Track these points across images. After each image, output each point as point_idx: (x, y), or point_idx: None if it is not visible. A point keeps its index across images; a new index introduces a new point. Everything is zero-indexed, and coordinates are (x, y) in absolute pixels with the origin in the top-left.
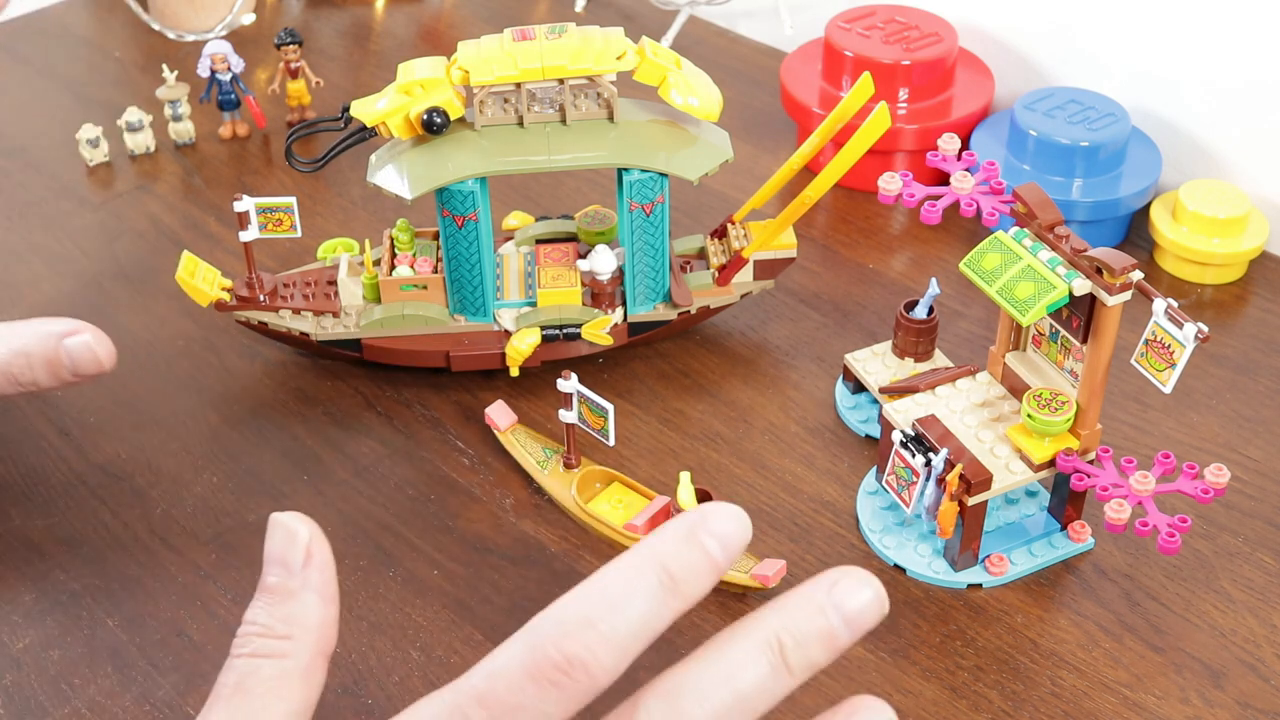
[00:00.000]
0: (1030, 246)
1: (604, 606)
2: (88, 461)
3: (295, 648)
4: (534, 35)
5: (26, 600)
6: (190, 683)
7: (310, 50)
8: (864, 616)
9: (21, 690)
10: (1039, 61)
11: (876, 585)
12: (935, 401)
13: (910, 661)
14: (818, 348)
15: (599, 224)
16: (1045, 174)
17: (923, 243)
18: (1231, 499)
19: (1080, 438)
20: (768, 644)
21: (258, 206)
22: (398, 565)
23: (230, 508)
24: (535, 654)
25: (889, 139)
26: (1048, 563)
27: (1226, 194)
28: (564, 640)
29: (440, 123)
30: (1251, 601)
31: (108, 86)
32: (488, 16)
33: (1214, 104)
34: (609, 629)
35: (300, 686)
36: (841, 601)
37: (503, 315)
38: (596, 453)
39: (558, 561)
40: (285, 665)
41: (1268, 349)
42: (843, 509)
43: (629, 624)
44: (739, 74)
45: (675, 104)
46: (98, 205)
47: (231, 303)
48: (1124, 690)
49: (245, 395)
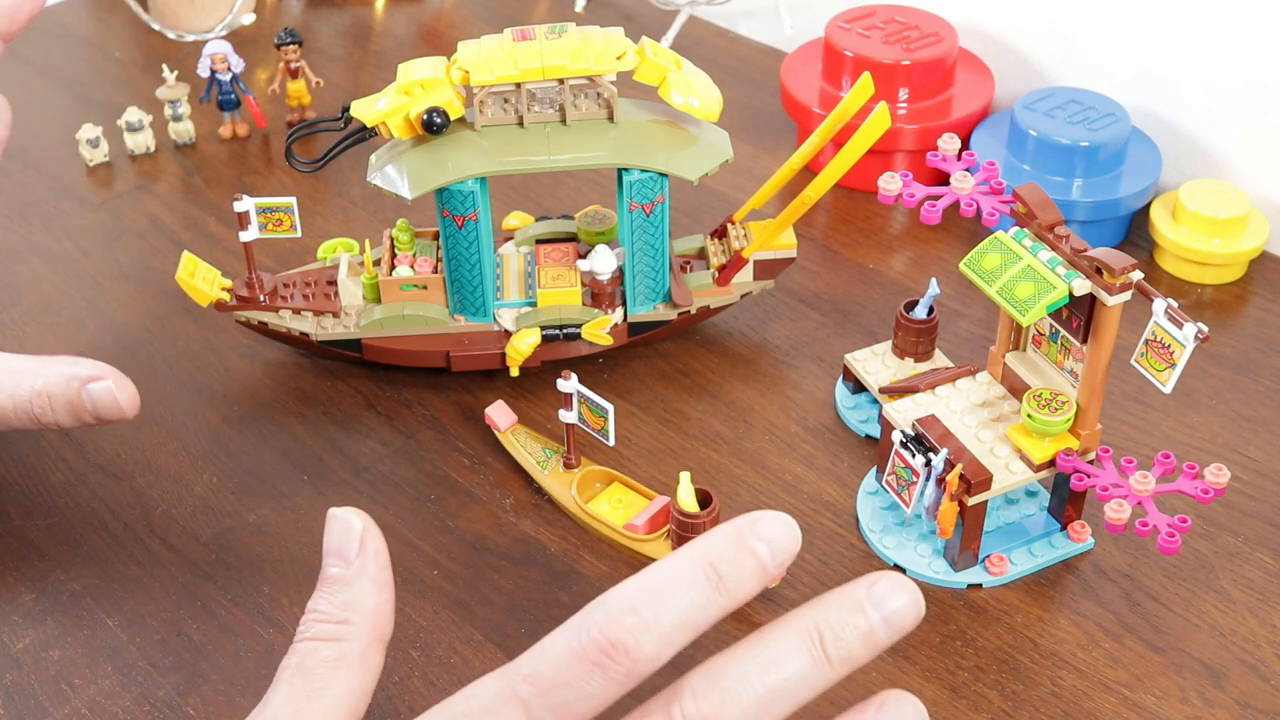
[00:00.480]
0: (1030, 246)
1: (649, 596)
2: (88, 461)
3: (352, 632)
4: (534, 35)
5: (26, 600)
6: (190, 683)
7: (310, 50)
8: (902, 617)
9: (21, 690)
10: (1039, 61)
11: (914, 590)
12: (935, 401)
13: (910, 661)
14: (818, 348)
15: (599, 224)
16: (1045, 174)
17: (923, 243)
18: (1231, 499)
19: (1080, 438)
20: (809, 636)
21: (258, 206)
22: (398, 565)
23: (230, 508)
24: (581, 637)
25: (889, 139)
26: (1048, 563)
27: (1226, 194)
28: (609, 625)
29: (440, 123)
30: (1251, 601)
31: (108, 86)
32: (488, 16)
33: (1214, 104)
34: (652, 616)
35: (358, 668)
36: (881, 601)
37: (503, 315)
38: (596, 453)
39: (558, 561)
40: (343, 648)
41: (1268, 349)
42: (843, 509)
43: (672, 614)
44: (739, 74)
45: (675, 104)
46: (98, 205)
47: (231, 303)
48: (1124, 690)
49: (245, 395)
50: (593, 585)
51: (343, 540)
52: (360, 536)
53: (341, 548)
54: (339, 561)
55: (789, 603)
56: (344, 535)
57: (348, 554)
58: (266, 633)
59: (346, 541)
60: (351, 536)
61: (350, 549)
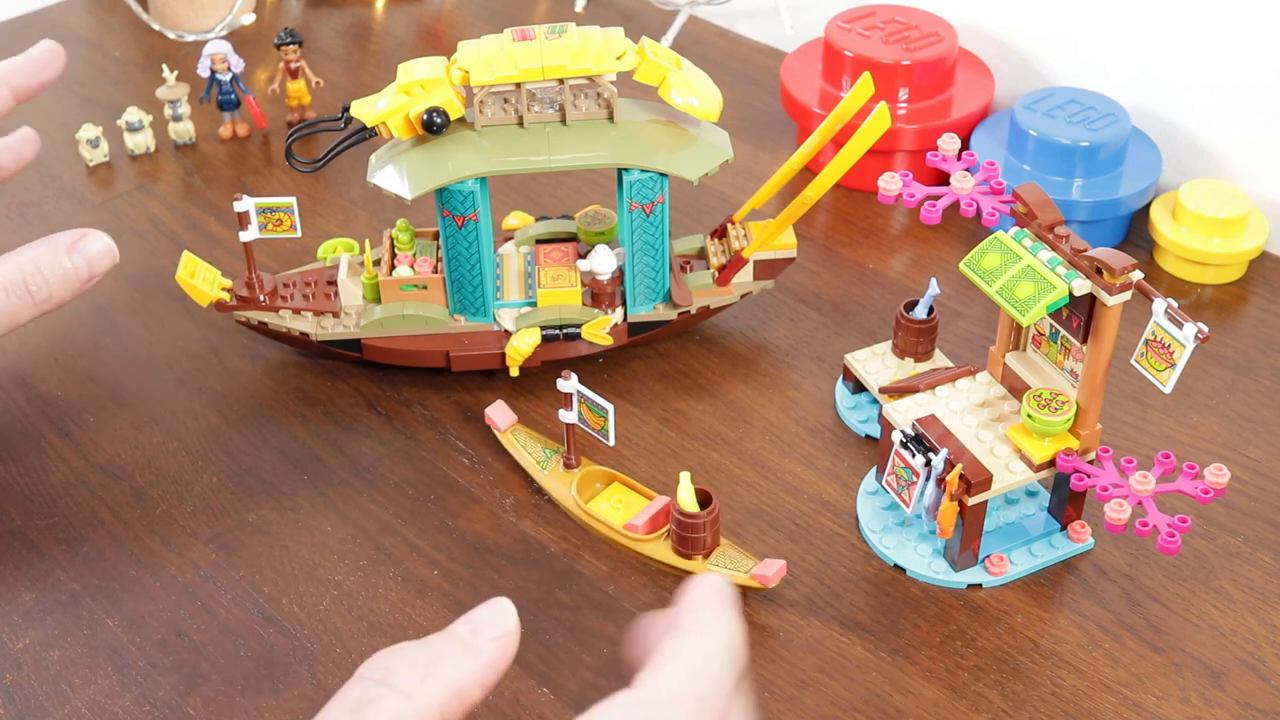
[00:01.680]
0: (1030, 246)
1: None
2: (88, 461)
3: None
4: (534, 35)
5: (26, 600)
6: (190, 683)
7: (310, 50)
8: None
9: (21, 690)
10: (1039, 61)
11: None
12: (935, 401)
13: (910, 662)
14: (818, 348)
15: (599, 224)
16: (1045, 174)
17: (923, 243)
18: (1231, 499)
19: (1080, 438)
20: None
21: (258, 206)
22: (398, 565)
23: (230, 508)
24: None
25: (889, 139)
26: (1048, 563)
27: (1226, 194)
28: None
29: (440, 123)
30: (1251, 601)
31: (108, 86)
32: (488, 16)
33: (1214, 104)
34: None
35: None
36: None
37: (503, 315)
38: (596, 453)
39: (558, 561)
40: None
41: (1268, 349)
42: (843, 509)
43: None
44: (739, 74)
45: (675, 104)
46: (98, 205)
47: (231, 303)
48: (1124, 690)
49: (245, 395)
50: (593, 585)
51: (490, 616)
52: (506, 621)
53: (483, 621)
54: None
55: (789, 603)
56: (495, 614)
57: (481, 627)
58: (266, 633)
59: (496, 620)
60: (503, 618)
61: (492, 628)
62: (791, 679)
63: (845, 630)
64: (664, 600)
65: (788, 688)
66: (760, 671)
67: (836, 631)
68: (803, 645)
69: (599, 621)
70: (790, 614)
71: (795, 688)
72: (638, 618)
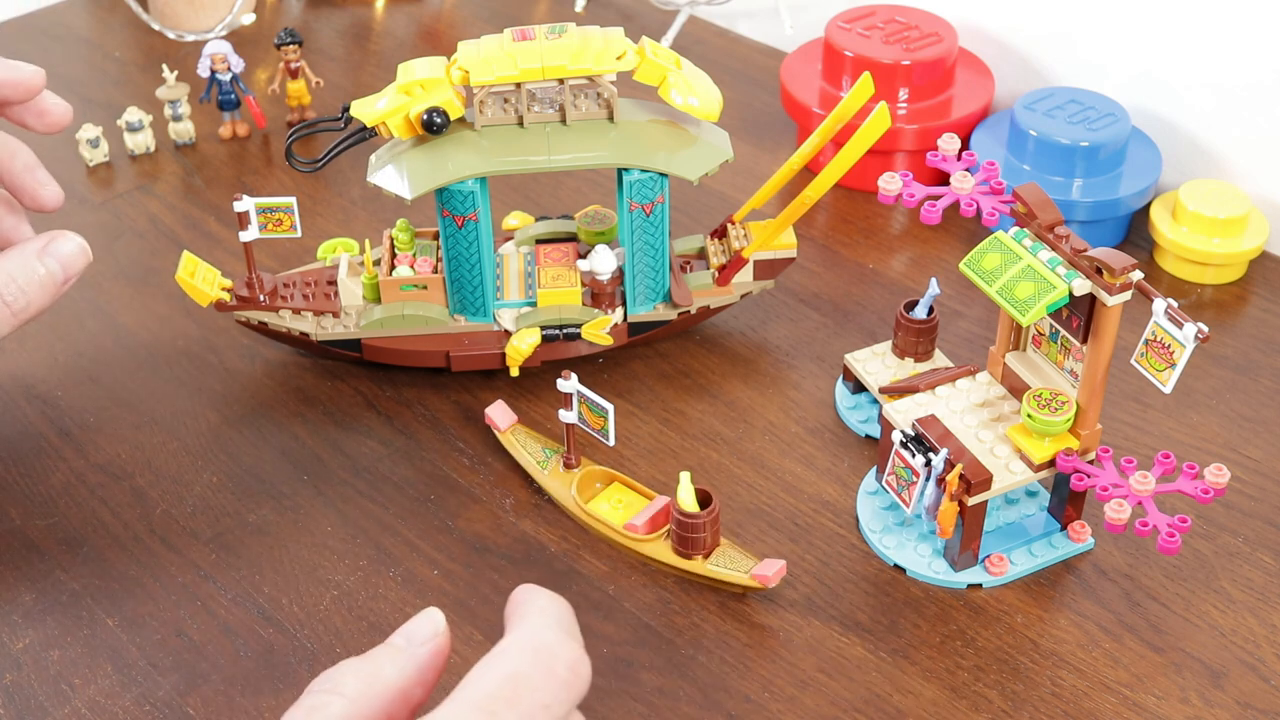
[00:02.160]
0: (1030, 246)
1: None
2: (88, 461)
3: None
4: (534, 35)
5: (26, 600)
6: (190, 683)
7: (310, 50)
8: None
9: (21, 690)
10: (1039, 61)
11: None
12: (935, 401)
13: (910, 662)
14: (818, 348)
15: (599, 224)
16: (1045, 174)
17: (923, 243)
18: (1231, 499)
19: (1080, 438)
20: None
21: (258, 206)
22: (398, 565)
23: (230, 508)
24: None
25: (889, 139)
26: (1048, 563)
27: (1226, 194)
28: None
29: (440, 123)
30: (1251, 601)
31: (108, 86)
32: (488, 16)
33: (1214, 104)
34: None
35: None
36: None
37: (503, 315)
38: (596, 453)
39: (558, 561)
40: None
41: (1268, 349)
42: (843, 509)
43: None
44: (739, 74)
45: (675, 104)
46: (98, 205)
47: (231, 303)
48: (1124, 690)
49: (245, 395)
50: (593, 585)
51: (420, 624)
52: (435, 625)
53: (415, 630)
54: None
55: (789, 603)
56: (425, 622)
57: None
58: (266, 633)
59: (426, 626)
60: (432, 624)
61: (421, 634)
62: (791, 679)
63: (845, 630)
64: (664, 600)
65: (788, 688)
66: (760, 671)
67: (836, 631)
68: (803, 645)
69: (599, 621)
70: (790, 614)
71: (795, 688)
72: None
